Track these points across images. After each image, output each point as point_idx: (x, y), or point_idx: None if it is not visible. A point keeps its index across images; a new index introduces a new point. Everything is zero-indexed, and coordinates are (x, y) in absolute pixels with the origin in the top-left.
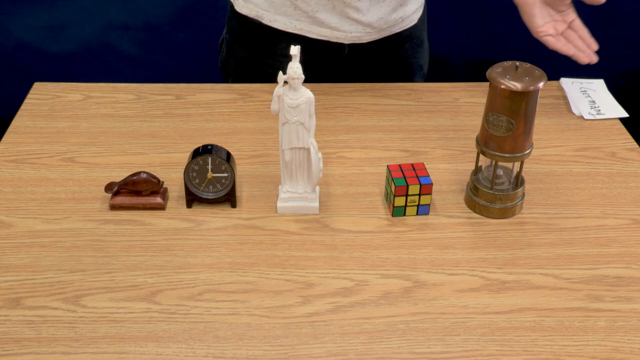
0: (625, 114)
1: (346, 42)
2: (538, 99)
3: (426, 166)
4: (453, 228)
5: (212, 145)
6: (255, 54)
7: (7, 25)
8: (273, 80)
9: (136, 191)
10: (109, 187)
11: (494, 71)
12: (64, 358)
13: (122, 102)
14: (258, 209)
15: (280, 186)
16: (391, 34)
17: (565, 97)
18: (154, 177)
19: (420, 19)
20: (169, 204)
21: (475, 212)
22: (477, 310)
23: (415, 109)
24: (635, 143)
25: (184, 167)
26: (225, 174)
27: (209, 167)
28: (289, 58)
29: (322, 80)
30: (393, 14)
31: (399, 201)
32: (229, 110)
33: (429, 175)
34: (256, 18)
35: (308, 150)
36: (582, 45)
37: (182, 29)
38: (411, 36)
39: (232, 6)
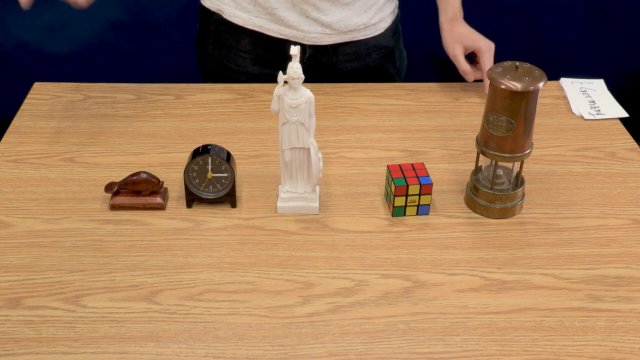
0: (625, 114)
1: (306, 42)
2: (538, 99)
3: (426, 166)
4: (453, 228)
5: (212, 145)
6: (220, 50)
7: (7, 25)
8: (238, 76)
9: (136, 191)
10: (109, 187)
11: (494, 71)
12: (64, 358)
13: (122, 102)
14: (258, 209)
15: (280, 186)
16: (354, 39)
17: (565, 97)
18: (154, 177)
19: (390, 29)
20: (169, 204)
21: (475, 212)
22: (477, 310)
23: (415, 109)
24: (635, 143)
25: (184, 167)
26: (225, 174)
27: (209, 167)
28: (250, 54)
29: None
30: (355, 18)
31: (399, 201)
32: (229, 110)
33: (429, 175)
34: (217, 12)
35: (308, 150)
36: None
37: (182, 29)
38: (379, 46)
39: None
